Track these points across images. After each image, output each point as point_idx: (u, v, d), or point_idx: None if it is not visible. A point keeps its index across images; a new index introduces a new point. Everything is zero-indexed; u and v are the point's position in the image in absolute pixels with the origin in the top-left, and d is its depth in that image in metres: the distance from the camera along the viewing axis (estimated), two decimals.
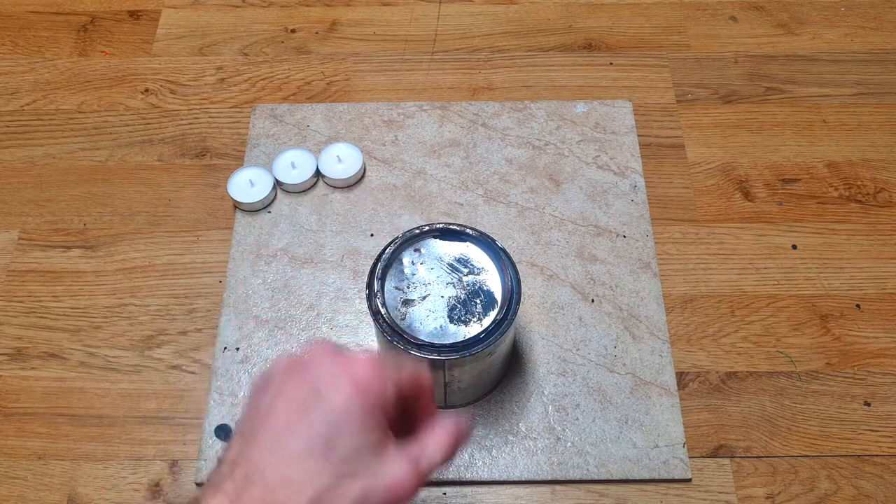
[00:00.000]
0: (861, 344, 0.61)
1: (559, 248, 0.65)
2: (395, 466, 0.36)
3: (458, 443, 0.39)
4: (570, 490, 0.55)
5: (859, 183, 0.69)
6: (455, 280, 0.52)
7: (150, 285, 0.64)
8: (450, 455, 0.39)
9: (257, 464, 0.35)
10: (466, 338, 0.49)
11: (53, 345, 0.61)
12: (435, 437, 0.38)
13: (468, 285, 0.52)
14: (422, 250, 0.53)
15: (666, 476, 0.55)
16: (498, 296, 0.51)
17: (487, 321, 0.50)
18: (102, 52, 0.77)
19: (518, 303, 0.50)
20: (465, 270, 0.52)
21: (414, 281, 0.52)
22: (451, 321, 0.50)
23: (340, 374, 0.36)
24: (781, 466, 0.56)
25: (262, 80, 0.75)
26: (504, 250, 0.52)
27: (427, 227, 0.53)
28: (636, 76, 0.75)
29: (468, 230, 0.53)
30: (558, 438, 0.57)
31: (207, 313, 0.62)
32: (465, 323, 0.50)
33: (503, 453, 0.56)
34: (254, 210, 0.67)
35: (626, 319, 0.61)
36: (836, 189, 0.69)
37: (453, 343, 0.49)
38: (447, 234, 0.53)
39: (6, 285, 0.64)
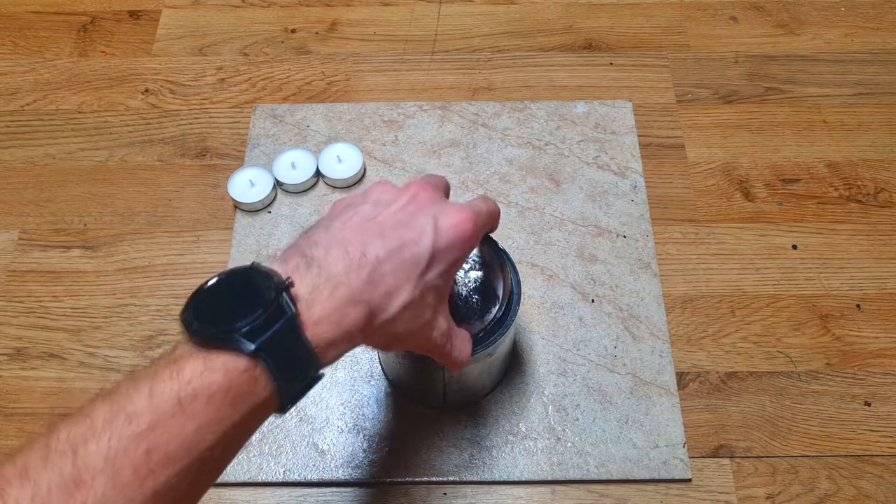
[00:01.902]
0: (861, 344, 0.61)
1: (559, 248, 0.65)
2: (444, 329, 0.42)
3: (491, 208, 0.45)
4: (571, 490, 0.55)
5: (859, 183, 0.69)
6: (454, 280, 0.52)
7: (151, 285, 0.64)
8: (493, 210, 0.45)
9: (358, 247, 0.37)
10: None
11: (53, 345, 0.61)
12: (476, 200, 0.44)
13: (468, 285, 0.52)
14: None
15: (666, 476, 0.55)
16: (498, 296, 0.51)
17: (487, 321, 0.50)
18: (102, 52, 0.78)
19: (518, 303, 0.50)
20: (465, 270, 0.52)
21: None
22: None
23: (453, 220, 0.40)
24: (781, 466, 0.56)
25: (263, 80, 0.75)
26: (504, 251, 0.52)
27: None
28: (636, 76, 0.75)
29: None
30: (558, 438, 0.57)
31: None
32: (465, 323, 0.50)
33: (503, 453, 0.56)
34: (254, 210, 0.67)
35: (627, 319, 0.61)
36: (836, 189, 0.69)
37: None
38: None
39: (6, 285, 0.64)
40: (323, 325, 0.34)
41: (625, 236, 0.65)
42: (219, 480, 0.54)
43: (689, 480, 0.55)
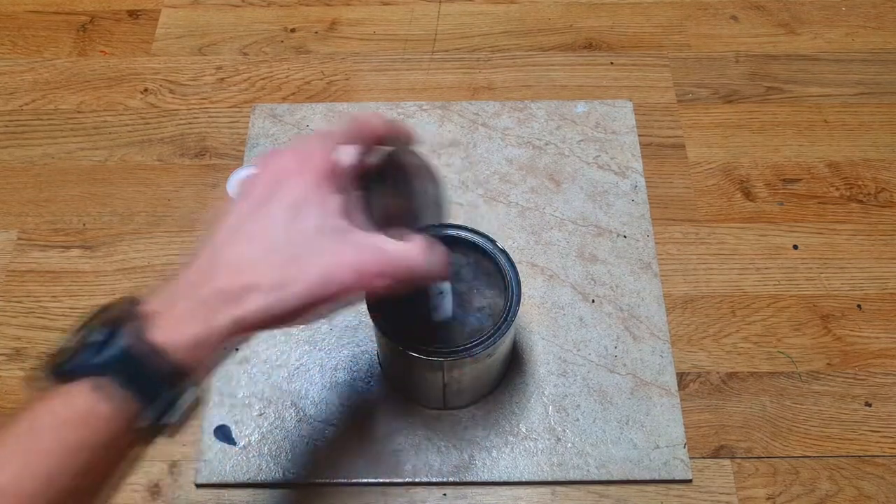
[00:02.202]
0: (862, 344, 0.61)
1: (559, 248, 0.65)
2: (365, 243, 0.37)
3: (427, 252, 0.39)
4: (571, 491, 0.55)
5: (860, 183, 0.69)
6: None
7: (150, 285, 0.64)
8: (419, 256, 0.39)
9: (218, 250, 0.36)
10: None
11: (52, 345, 0.60)
12: (410, 239, 0.39)
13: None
14: None
15: (666, 477, 0.55)
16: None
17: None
18: (102, 51, 0.77)
19: (518, 304, 0.50)
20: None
21: None
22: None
23: (296, 166, 0.37)
24: (782, 467, 0.56)
25: (262, 79, 0.75)
26: (504, 251, 0.52)
27: (427, 227, 0.52)
28: (637, 76, 0.75)
29: (468, 230, 0.53)
30: (558, 439, 0.56)
31: None
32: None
33: (503, 454, 0.56)
34: None
35: (627, 320, 0.61)
36: (837, 189, 0.68)
37: (452, 344, 0.49)
38: (446, 234, 0.53)
39: (5, 285, 0.64)
40: (175, 327, 0.33)
41: (625, 236, 0.65)
42: (218, 481, 0.54)
43: (689, 481, 0.55)
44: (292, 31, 0.79)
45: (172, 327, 0.33)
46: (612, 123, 0.71)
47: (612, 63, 0.76)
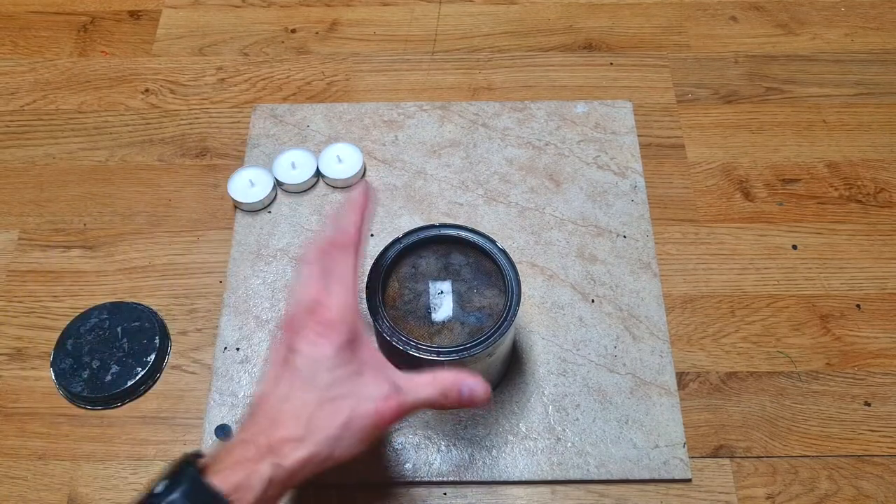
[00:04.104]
0: (861, 344, 0.61)
1: (559, 248, 0.65)
2: (377, 391, 0.42)
3: (445, 392, 0.44)
4: (571, 490, 0.55)
5: (860, 183, 0.69)
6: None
7: (151, 285, 0.64)
8: (435, 399, 0.43)
9: (255, 409, 0.42)
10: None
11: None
12: (425, 377, 0.44)
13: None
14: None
15: (666, 476, 0.55)
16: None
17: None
18: (102, 52, 0.77)
19: (518, 303, 0.50)
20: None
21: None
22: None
23: (307, 327, 0.42)
24: (781, 467, 0.56)
25: (263, 80, 0.75)
26: (504, 251, 0.52)
27: (427, 227, 0.53)
28: (636, 76, 0.75)
29: (468, 230, 0.53)
30: (558, 439, 0.57)
31: (208, 313, 0.62)
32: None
33: (503, 453, 0.56)
34: (254, 210, 0.67)
35: (627, 319, 0.61)
36: (836, 189, 0.69)
37: (452, 344, 0.49)
38: (446, 234, 0.53)
39: (6, 285, 0.64)
40: (225, 474, 0.39)
41: (625, 236, 0.65)
42: None
43: (689, 480, 0.55)
44: (293, 31, 0.79)
45: (222, 474, 0.39)
46: (612, 124, 0.71)
47: (611, 63, 0.76)
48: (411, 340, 0.49)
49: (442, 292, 0.51)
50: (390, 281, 0.52)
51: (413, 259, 0.53)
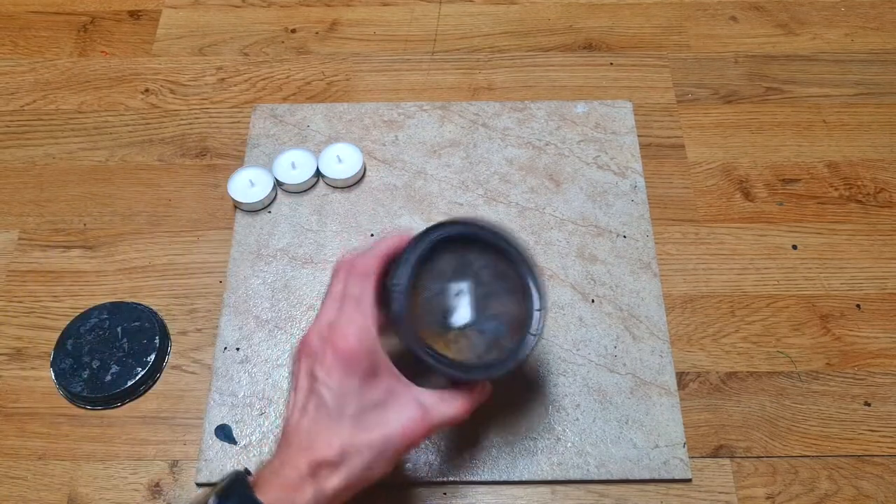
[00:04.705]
0: (861, 344, 0.61)
1: (559, 248, 0.65)
2: (404, 416, 0.44)
3: (469, 405, 0.46)
4: (571, 490, 0.55)
5: (860, 183, 0.69)
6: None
7: (151, 285, 0.64)
8: (461, 413, 0.46)
9: (288, 435, 0.44)
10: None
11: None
12: (450, 393, 0.46)
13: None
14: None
15: (666, 476, 0.55)
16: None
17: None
18: (102, 52, 0.77)
19: (546, 311, 0.48)
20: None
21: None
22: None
23: (327, 355, 0.43)
24: (782, 467, 0.56)
25: (263, 80, 0.75)
26: (525, 258, 0.48)
27: (449, 224, 0.48)
28: (636, 76, 0.75)
29: (489, 231, 0.48)
30: (558, 439, 0.57)
31: (208, 313, 0.62)
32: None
33: (503, 453, 0.56)
34: (254, 210, 0.67)
35: (627, 319, 0.61)
36: (836, 189, 0.69)
37: (482, 363, 0.46)
38: (465, 231, 0.48)
39: (6, 285, 0.64)
40: (272, 493, 0.41)
41: (625, 236, 0.65)
42: (219, 481, 0.54)
43: (689, 480, 0.55)
44: (293, 31, 0.79)
45: (270, 494, 0.41)
46: (612, 124, 0.71)
47: (611, 63, 0.76)
48: (442, 357, 0.46)
49: (460, 293, 0.47)
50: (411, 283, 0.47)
51: (433, 256, 0.47)
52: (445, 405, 0.45)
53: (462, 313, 0.47)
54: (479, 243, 0.48)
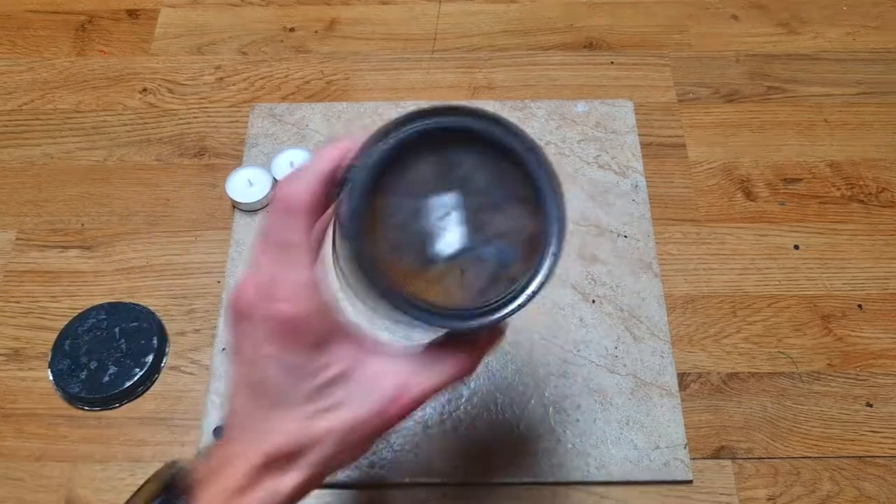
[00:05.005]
0: (863, 345, 0.61)
1: None
2: (377, 389, 0.34)
3: (469, 363, 0.35)
4: (571, 492, 0.55)
5: (861, 183, 0.68)
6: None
7: (149, 285, 0.63)
8: (455, 377, 0.35)
9: (232, 422, 0.35)
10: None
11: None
12: (439, 351, 0.35)
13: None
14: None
15: (667, 478, 0.55)
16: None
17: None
18: (100, 51, 0.77)
19: (565, 229, 0.34)
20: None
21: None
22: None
23: (268, 321, 0.33)
24: (783, 468, 0.56)
25: (261, 79, 0.75)
26: (535, 148, 0.34)
27: (419, 114, 0.34)
28: (637, 75, 0.75)
29: (480, 117, 0.34)
30: (559, 440, 0.56)
31: (206, 314, 0.62)
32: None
33: (503, 454, 0.56)
34: (252, 210, 0.67)
35: (627, 320, 0.61)
36: (838, 189, 0.68)
37: (484, 305, 0.34)
38: (446, 123, 0.34)
39: (4, 286, 0.64)
40: (208, 488, 0.34)
41: (626, 236, 0.65)
42: None
43: (690, 482, 0.55)
44: (291, 30, 0.78)
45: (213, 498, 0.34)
46: (613, 123, 0.71)
47: (612, 62, 0.76)
48: (424, 305, 0.33)
49: (445, 209, 0.34)
50: (370, 198, 0.33)
51: (402, 160, 0.34)
52: (431, 371, 0.34)
53: (450, 238, 0.34)
54: (467, 136, 0.34)
